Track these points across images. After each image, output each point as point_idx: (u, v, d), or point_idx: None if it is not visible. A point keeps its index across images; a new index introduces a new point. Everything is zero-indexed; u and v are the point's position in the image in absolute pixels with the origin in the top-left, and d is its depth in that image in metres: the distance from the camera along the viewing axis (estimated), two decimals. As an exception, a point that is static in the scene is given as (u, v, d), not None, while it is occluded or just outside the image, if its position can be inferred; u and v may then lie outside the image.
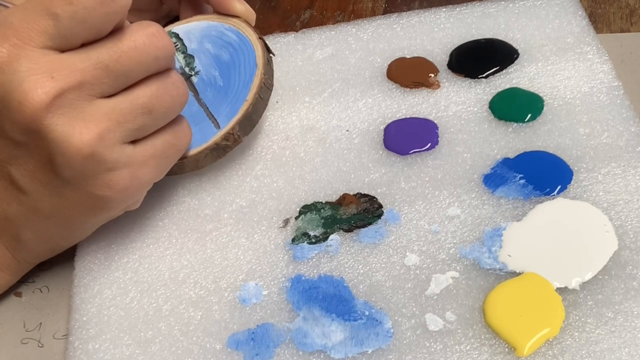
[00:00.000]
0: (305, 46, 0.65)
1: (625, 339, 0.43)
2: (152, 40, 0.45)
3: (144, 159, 0.47)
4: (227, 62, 0.58)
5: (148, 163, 0.47)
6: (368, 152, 0.56)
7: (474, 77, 0.59)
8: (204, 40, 0.59)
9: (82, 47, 0.44)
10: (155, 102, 0.46)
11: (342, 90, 0.61)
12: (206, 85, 0.57)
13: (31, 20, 0.42)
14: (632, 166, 0.51)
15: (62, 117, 0.43)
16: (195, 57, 0.58)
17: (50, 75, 0.42)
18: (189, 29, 0.60)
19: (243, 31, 0.59)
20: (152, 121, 0.47)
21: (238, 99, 0.55)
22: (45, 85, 0.42)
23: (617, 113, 0.54)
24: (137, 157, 0.46)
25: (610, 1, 0.63)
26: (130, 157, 0.46)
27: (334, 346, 0.45)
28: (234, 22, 0.59)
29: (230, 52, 0.58)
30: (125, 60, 0.44)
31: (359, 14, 0.68)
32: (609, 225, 0.48)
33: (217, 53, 0.58)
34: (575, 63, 0.58)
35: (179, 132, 0.50)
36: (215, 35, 0.59)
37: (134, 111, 0.45)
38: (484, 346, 0.44)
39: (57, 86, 0.42)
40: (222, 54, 0.58)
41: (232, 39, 0.58)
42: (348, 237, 0.51)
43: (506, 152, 0.53)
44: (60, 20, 0.42)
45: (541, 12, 0.62)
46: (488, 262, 0.47)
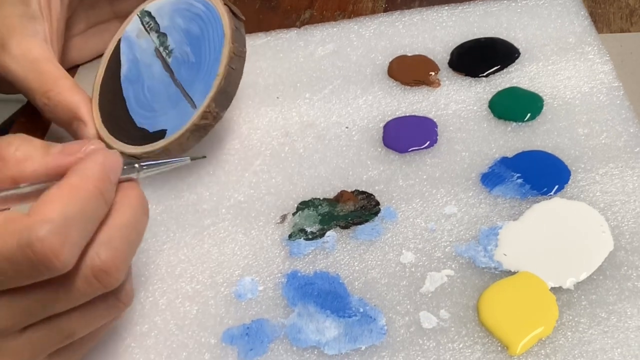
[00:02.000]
0: (307, 42, 0.65)
1: (618, 340, 0.43)
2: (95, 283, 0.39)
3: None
4: (197, 35, 0.55)
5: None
6: (367, 149, 0.56)
7: (474, 75, 0.59)
8: (175, 15, 0.57)
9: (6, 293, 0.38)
10: (81, 329, 0.41)
11: (343, 87, 0.61)
12: (180, 63, 0.55)
13: None
14: (630, 167, 0.51)
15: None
16: (167, 34, 0.57)
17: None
18: (161, 5, 0.59)
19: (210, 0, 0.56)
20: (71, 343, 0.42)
21: (210, 73, 0.53)
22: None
23: (616, 114, 0.54)
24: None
25: (610, 1, 0.63)
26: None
27: (328, 342, 0.45)
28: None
29: (199, 24, 0.55)
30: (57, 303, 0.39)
31: (359, 14, 0.68)
32: (605, 226, 0.48)
33: (187, 27, 0.56)
34: (576, 63, 0.58)
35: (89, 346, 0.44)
36: (184, 7, 0.57)
37: (54, 338, 0.40)
38: (477, 344, 0.44)
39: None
40: (191, 27, 0.56)
41: (200, 10, 0.56)
42: (345, 234, 0.51)
43: (505, 151, 0.53)
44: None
45: (543, 11, 0.62)
46: (483, 261, 0.47)
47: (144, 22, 0.59)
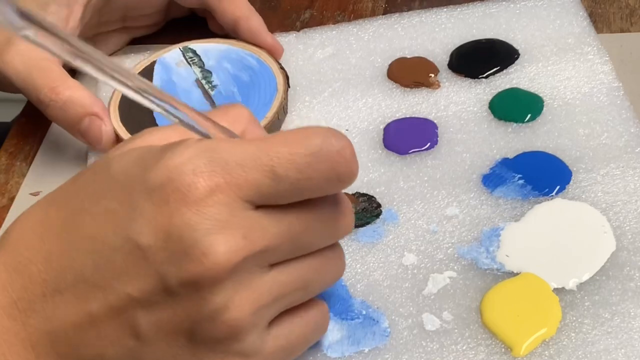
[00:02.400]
0: (306, 46, 0.65)
1: (621, 340, 0.43)
2: (340, 217, 0.40)
3: (274, 349, 0.40)
4: (246, 82, 0.59)
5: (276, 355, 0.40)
6: (367, 151, 0.56)
7: (474, 77, 0.59)
8: (223, 60, 0.61)
9: (279, 208, 0.38)
10: (314, 276, 0.40)
11: (343, 89, 0.61)
12: (224, 99, 0.58)
13: (248, 169, 0.36)
14: (631, 167, 0.51)
15: (232, 283, 0.36)
16: (213, 72, 0.60)
17: (244, 234, 0.36)
18: (207, 48, 0.62)
19: (264, 59, 0.61)
20: (302, 297, 0.41)
21: (257, 115, 0.54)
22: (236, 244, 0.36)
23: (616, 114, 0.54)
24: (269, 345, 0.39)
25: (610, 1, 0.63)
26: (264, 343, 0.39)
27: (331, 345, 0.45)
28: (254, 49, 0.62)
29: (250, 74, 0.59)
30: (311, 232, 0.39)
31: (359, 14, 0.68)
32: (607, 226, 0.48)
33: (237, 73, 0.60)
34: (575, 64, 0.58)
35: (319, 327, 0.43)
36: (235, 58, 0.61)
37: (294, 284, 0.39)
38: (481, 346, 0.44)
39: (247, 249, 0.36)
40: (241, 75, 0.60)
41: (253, 64, 0.60)
42: (346, 236, 0.50)
43: (505, 152, 0.53)
44: (278, 182, 0.36)
45: (542, 12, 0.62)
46: (486, 262, 0.47)
47: (187, 56, 0.62)
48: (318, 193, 0.38)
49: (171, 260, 0.36)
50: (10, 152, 0.62)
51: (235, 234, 0.36)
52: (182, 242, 0.35)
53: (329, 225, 0.40)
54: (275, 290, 0.38)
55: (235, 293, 0.36)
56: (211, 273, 0.35)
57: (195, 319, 0.37)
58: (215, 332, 0.37)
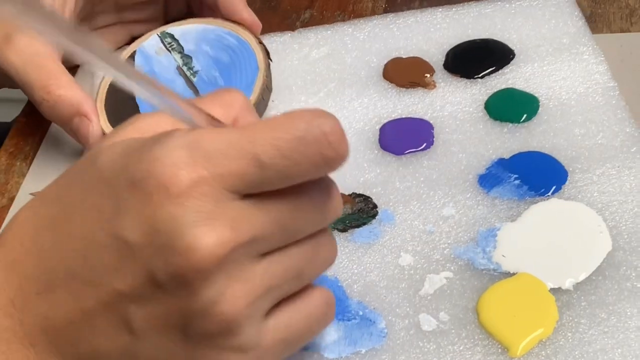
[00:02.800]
0: (301, 45, 0.65)
1: (618, 340, 0.43)
2: (329, 200, 0.39)
3: (274, 342, 0.39)
4: (227, 63, 0.58)
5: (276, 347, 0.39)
6: (363, 151, 0.56)
7: (469, 77, 0.59)
8: (202, 42, 0.59)
9: (266, 196, 0.37)
10: (305, 265, 0.39)
11: (338, 90, 0.61)
12: (206, 84, 0.57)
13: (231, 158, 0.35)
14: (627, 167, 0.51)
15: (222, 276, 0.36)
16: (193, 57, 0.59)
17: (231, 225, 0.35)
18: (185, 31, 0.61)
19: (242, 35, 0.59)
20: (297, 286, 0.40)
21: None
22: (222, 236, 0.35)
23: (612, 114, 0.54)
24: (268, 338, 0.38)
25: (610, 1, 0.63)
26: (262, 335, 0.38)
27: (328, 346, 0.45)
28: (232, 26, 0.60)
29: (230, 54, 0.58)
30: (301, 220, 0.38)
31: (359, 14, 0.68)
32: (603, 226, 0.48)
33: (216, 55, 0.59)
34: (570, 64, 0.58)
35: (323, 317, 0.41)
36: (214, 38, 0.60)
37: (287, 274, 0.38)
38: (477, 346, 0.44)
39: (233, 240, 0.35)
40: (221, 56, 0.59)
41: (232, 42, 0.59)
42: (342, 237, 0.51)
43: (501, 153, 0.53)
44: (263, 170, 0.35)
45: (537, 12, 0.62)
46: (482, 263, 0.47)
47: (165, 42, 0.61)
48: (306, 178, 0.37)
49: (158, 255, 0.35)
50: (10, 152, 0.62)
51: (221, 225, 0.35)
52: (167, 236, 0.35)
53: (318, 209, 0.38)
54: (267, 280, 0.37)
55: (226, 286, 0.36)
56: (199, 267, 0.35)
57: (187, 314, 0.36)
58: (209, 327, 0.36)
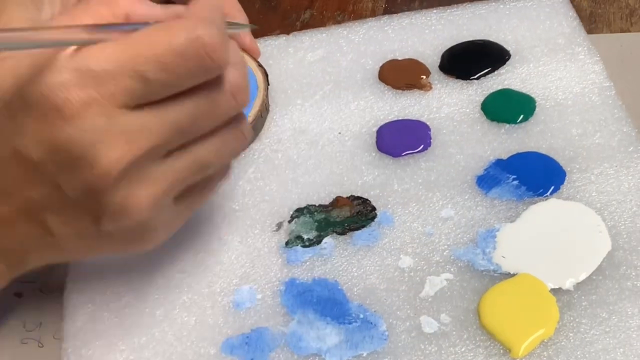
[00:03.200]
0: (297, 49, 0.64)
1: (619, 339, 0.43)
2: (231, 99, 0.41)
3: (183, 217, 0.45)
4: None
5: (184, 217, 0.45)
6: (361, 154, 0.56)
7: (465, 78, 0.59)
8: None
9: (161, 104, 0.39)
10: (213, 158, 0.42)
11: (334, 92, 0.61)
12: None
13: (118, 77, 0.37)
14: (625, 166, 0.51)
15: (125, 184, 0.39)
16: None
17: (126, 139, 0.38)
18: None
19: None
20: (204, 176, 0.43)
21: None
22: (119, 151, 0.38)
23: (609, 113, 0.54)
24: (178, 217, 0.44)
25: (610, 1, 0.63)
26: (173, 217, 0.43)
27: (329, 349, 0.45)
28: None
29: None
30: (202, 121, 0.41)
31: (359, 14, 0.68)
32: (603, 226, 0.48)
33: None
34: (566, 64, 0.58)
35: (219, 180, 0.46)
36: None
37: (191, 169, 0.42)
38: (479, 348, 0.44)
39: (131, 153, 0.38)
40: None
41: None
42: (342, 240, 0.50)
43: (499, 154, 0.53)
44: (149, 84, 0.38)
45: (532, 13, 0.63)
46: (482, 264, 0.47)
47: None
48: (192, 84, 0.39)
49: (62, 171, 0.39)
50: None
51: (116, 140, 0.38)
52: (69, 156, 0.38)
53: (214, 106, 0.41)
54: (172, 177, 0.41)
55: (130, 192, 0.39)
56: (102, 181, 0.38)
57: (99, 218, 0.40)
58: (122, 226, 0.40)
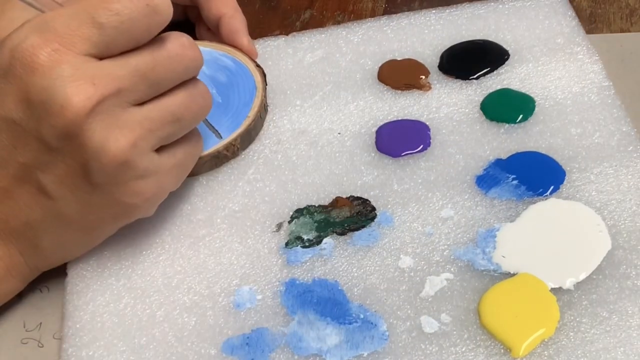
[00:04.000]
0: (296, 49, 0.64)
1: (620, 338, 0.43)
2: (185, 51, 0.47)
3: (169, 167, 0.48)
4: (224, 82, 0.59)
5: (172, 172, 0.49)
6: (360, 154, 0.56)
7: (465, 78, 0.59)
8: None
9: (121, 55, 0.45)
10: (183, 111, 0.47)
11: (333, 93, 0.61)
12: None
13: (75, 27, 0.43)
14: (624, 165, 0.51)
15: (100, 124, 0.43)
16: None
17: (92, 81, 0.43)
18: None
19: (239, 58, 0.61)
20: (179, 129, 0.48)
21: (239, 115, 0.57)
22: (87, 91, 0.42)
23: (608, 113, 0.54)
24: (163, 166, 0.48)
25: (610, 1, 0.63)
26: (158, 165, 0.47)
27: (330, 350, 0.45)
28: (227, 49, 0.62)
29: (227, 74, 0.60)
30: (160, 69, 0.46)
31: (359, 14, 0.68)
32: (602, 225, 0.48)
33: (213, 75, 0.60)
34: (565, 63, 0.58)
35: (196, 141, 0.51)
36: (210, 59, 0.60)
37: (164, 119, 0.46)
38: (480, 347, 0.44)
39: (98, 92, 0.43)
40: (218, 76, 0.60)
41: (228, 64, 0.61)
42: (342, 240, 0.50)
43: (498, 153, 0.53)
44: (104, 30, 0.43)
45: (531, 12, 0.63)
46: (482, 264, 0.47)
47: None
48: (145, 31, 0.45)
49: (41, 122, 0.43)
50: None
51: (83, 83, 0.43)
52: (43, 105, 0.43)
53: (175, 59, 0.46)
54: (147, 124, 0.45)
55: (106, 133, 0.43)
56: (75, 121, 0.43)
57: (85, 164, 0.44)
58: (107, 169, 0.44)
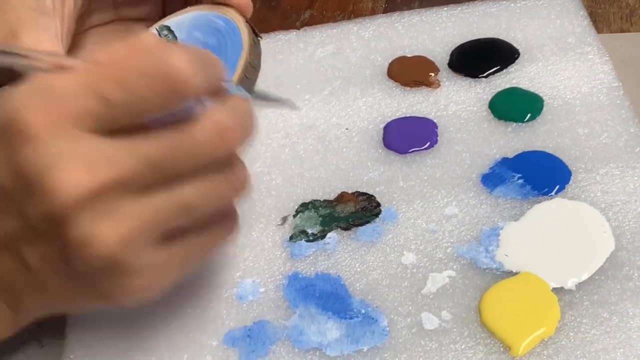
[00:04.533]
0: (307, 44, 0.65)
1: (620, 340, 0.43)
2: (219, 139, 0.39)
3: (171, 264, 0.41)
4: (214, 47, 0.57)
5: (174, 267, 0.41)
6: (367, 150, 0.56)
7: (474, 76, 0.59)
8: (193, 29, 0.59)
9: (132, 136, 0.37)
10: (199, 202, 0.39)
11: (343, 88, 0.61)
12: None
13: (77, 97, 0.36)
14: (631, 167, 0.51)
15: (89, 214, 0.37)
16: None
17: (88, 167, 0.36)
18: (180, 21, 0.60)
19: (231, 17, 0.58)
20: (191, 222, 0.40)
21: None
22: (79, 179, 0.36)
23: (616, 114, 0.54)
24: (163, 263, 0.40)
25: (610, 1, 0.63)
26: (155, 261, 0.39)
27: (330, 344, 0.45)
28: (222, 10, 0.59)
29: (217, 37, 0.58)
30: (179, 160, 0.38)
31: (359, 14, 0.68)
32: (607, 226, 0.48)
33: (205, 40, 0.58)
34: (575, 63, 0.58)
35: (220, 230, 0.43)
36: (204, 23, 0.59)
37: (171, 211, 0.39)
38: (479, 345, 0.44)
39: (93, 183, 0.36)
40: (209, 40, 0.58)
41: (220, 25, 0.58)
42: (346, 235, 0.51)
43: (505, 152, 0.53)
44: (109, 106, 0.36)
45: (543, 12, 0.62)
46: (485, 262, 0.47)
47: (162, 34, 0.61)
48: (157, 109, 0.37)
49: (27, 198, 0.37)
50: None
51: (77, 168, 0.36)
52: (30, 181, 0.36)
53: (204, 150, 0.38)
54: (146, 215, 0.38)
55: (95, 225, 0.37)
56: (61, 209, 0.36)
57: (67, 252, 0.38)
58: (89, 263, 0.37)
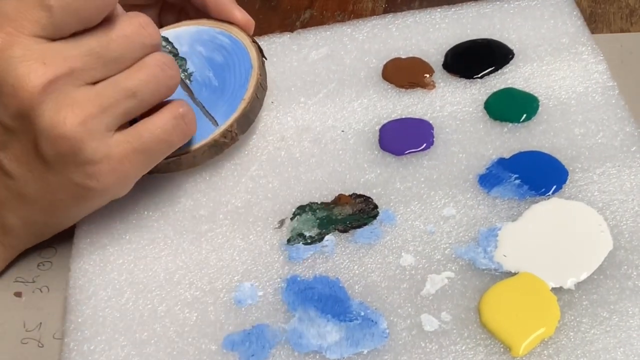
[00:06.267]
0: (301, 46, 0.65)
1: (620, 339, 0.43)
2: (141, 29, 0.48)
3: (126, 151, 0.47)
4: (220, 63, 0.58)
5: (131, 156, 0.48)
6: (363, 152, 0.56)
7: (469, 77, 0.59)
8: (195, 43, 0.59)
9: (73, 36, 0.46)
10: (139, 85, 0.47)
11: (338, 90, 0.61)
12: (201, 85, 0.57)
13: (25, 11, 0.45)
14: (627, 166, 0.51)
15: (51, 103, 0.45)
16: (187, 59, 0.59)
17: (43, 62, 0.44)
18: (179, 33, 0.60)
19: (235, 35, 0.59)
20: (136, 105, 0.48)
21: (235, 98, 0.56)
22: (38, 71, 0.44)
23: (612, 113, 0.54)
24: (120, 149, 0.47)
25: (610, 1, 0.63)
26: (113, 147, 0.47)
27: (330, 347, 0.45)
28: (225, 26, 0.60)
29: (223, 54, 0.58)
30: (115, 48, 0.47)
31: (359, 14, 0.68)
32: (604, 225, 0.48)
33: (210, 55, 0.58)
34: (570, 63, 0.58)
35: (172, 128, 0.50)
36: (207, 39, 0.59)
37: (117, 95, 0.47)
38: (480, 346, 0.44)
39: (49, 72, 0.44)
40: (214, 56, 0.58)
41: (225, 42, 0.59)
42: (343, 238, 0.51)
43: (501, 152, 0.53)
44: (53, 12, 0.45)
45: (536, 12, 0.63)
46: (483, 262, 0.47)
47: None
48: (95, 12, 0.46)
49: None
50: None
51: (34, 63, 0.44)
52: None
53: (132, 38, 0.47)
54: (99, 101, 0.46)
55: (56, 111, 0.45)
56: (27, 100, 0.44)
57: (37, 143, 0.45)
58: (57, 148, 0.45)
